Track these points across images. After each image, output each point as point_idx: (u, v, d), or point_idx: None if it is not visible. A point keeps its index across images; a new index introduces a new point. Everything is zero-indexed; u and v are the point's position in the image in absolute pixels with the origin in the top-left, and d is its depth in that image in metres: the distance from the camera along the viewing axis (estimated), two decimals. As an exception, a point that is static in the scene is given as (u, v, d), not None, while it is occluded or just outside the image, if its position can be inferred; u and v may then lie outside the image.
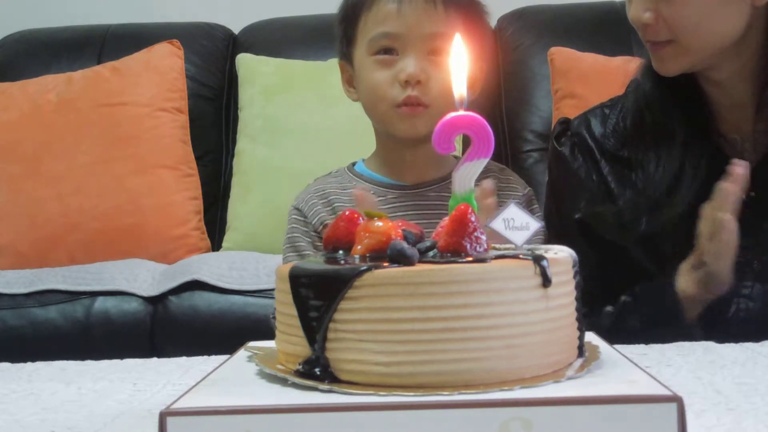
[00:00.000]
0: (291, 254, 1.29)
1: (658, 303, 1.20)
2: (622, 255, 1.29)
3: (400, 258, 0.65)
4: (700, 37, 1.21)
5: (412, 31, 1.21)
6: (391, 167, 1.30)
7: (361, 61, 1.26)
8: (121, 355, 1.09)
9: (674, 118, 1.28)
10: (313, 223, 1.28)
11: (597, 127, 1.36)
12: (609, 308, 1.28)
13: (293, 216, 1.31)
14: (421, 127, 1.22)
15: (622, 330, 1.20)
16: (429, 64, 1.21)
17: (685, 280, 1.19)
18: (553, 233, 1.31)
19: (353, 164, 1.35)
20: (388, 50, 1.23)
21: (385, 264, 0.65)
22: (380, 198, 1.28)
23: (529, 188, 1.33)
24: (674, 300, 1.18)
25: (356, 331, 0.64)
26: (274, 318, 0.73)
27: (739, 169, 1.12)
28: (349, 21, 1.28)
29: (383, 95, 1.23)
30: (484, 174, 1.27)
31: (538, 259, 0.66)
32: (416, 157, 1.28)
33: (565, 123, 1.40)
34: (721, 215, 1.12)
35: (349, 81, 1.31)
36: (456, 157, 1.34)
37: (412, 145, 1.26)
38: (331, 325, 0.65)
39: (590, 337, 0.79)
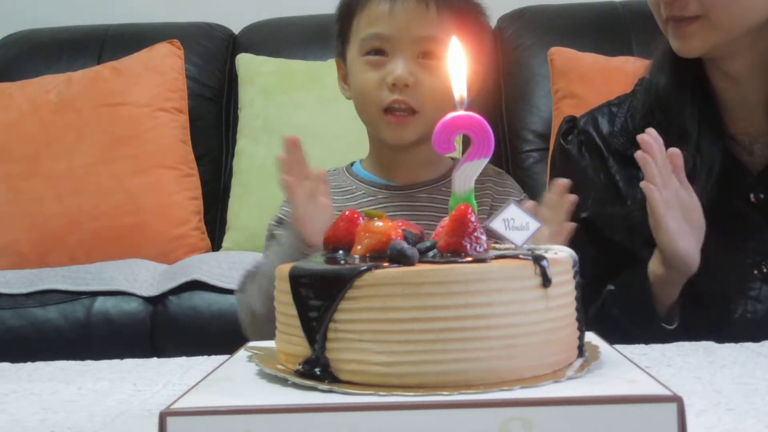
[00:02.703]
0: (276, 229, 1.27)
1: (632, 287, 1.20)
2: (628, 255, 1.29)
3: (400, 258, 0.65)
4: (731, 12, 1.19)
5: (403, 33, 1.20)
6: (383, 168, 1.30)
7: (352, 60, 1.26)
8: (121, 355, 1.09)
9: (687, 117, 1.26)
10: None
11: (605, 126, 1.35)
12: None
13: (283, 208, 1.29)
14: (408, 135, 1.22)
15: (606, 319, 1.20)
16: (418, 68, 1.20)
17: (653, 262, 1.18)
18: None
19: (351, 164, 1.35)
20: (378, 51, 1.22)
21: (385, 264, 0.65)
22: (371, 198, 1.28)
23: (525, 194, 1.33)
24: (644, 281, 1.18)
25: (356, 331, 0.64)
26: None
27: (646, 136, 1.10)
28: (343, 20, 1.28)
29: (371, 97, 1.22)
30: (482, 178, 1.28)
31: (538, 259, 0.66)
32: (408, 159, 1.27)
33: (571, 121, 1.40)
34: (643, 185, 1.10)
35: (344, 78, 1.31)
36: (453, 158, 1.34)
37: (403, 148, 1.26)
38: (331, 325, 0.65)
39: (590, 337, 0.79)
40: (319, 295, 0.65)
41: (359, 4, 1.24)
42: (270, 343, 0.77)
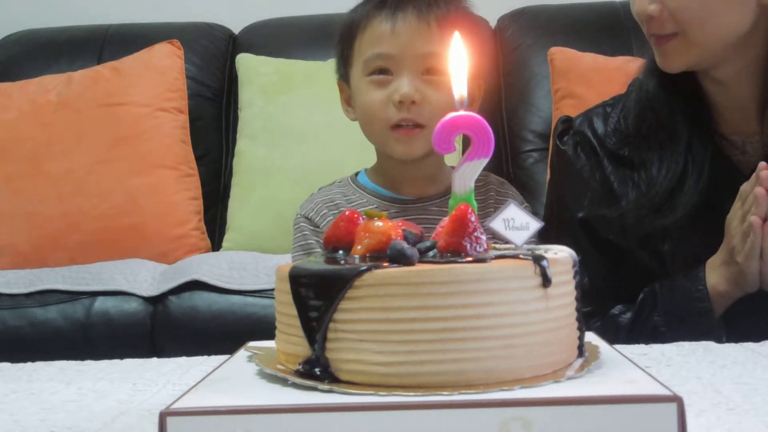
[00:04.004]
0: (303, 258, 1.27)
1: (684, 299, 1.20)
2: (624, 254, 1.29)
3: (400, 258, 0.65)
4: (706, 31, 1.20)
5: (406, 51, 1.20)
6: (392, 182, 1.29)
7: (357, 81, 1.25)
8: (121, 355, 1.09)
9: (677, 118, 1.27)
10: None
11: (599, 126, 1.35)
12: (617, 308, 1.27)
13: (302, 224, 1.29)
14: (418, 149, 1.21)
15: (643, 329, 1.20)
16: (424, 84, 1.20)
17: (716, 277, 1.18)
18: (554, 232, 1.31)
19: (356, 175, 1.34)
20: (382, 71, 1.22)
21: (385, 264, 0.65)
22: (383, 211, 1.27)
23: (526, 204, 1.33)
24: (703, 296, 1.18)
25: (356, 331, 0.64)
26: None
27: (766, 172, 1.11)
28: (345, 42, 1.27)
29: (378, 116, 1.22)
30: (485, 187, 1.28)
31: (538, 259, 0.66)
32: (416, 173, 1.27)
33: (567, 122, 1.40)
34: (751, 218, 1.12)
35: (348, 101, 1.30)
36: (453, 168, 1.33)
37: (412, 163, 1.25)
38: (331, 325, 0.65)
39: (590, 337, 0.79)
40: (319, 295, 0.65)
41: (361, 25, 1.24)
42: (270, 343, 0.77)
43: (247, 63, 2.45)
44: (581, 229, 1.31)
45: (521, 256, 0.67)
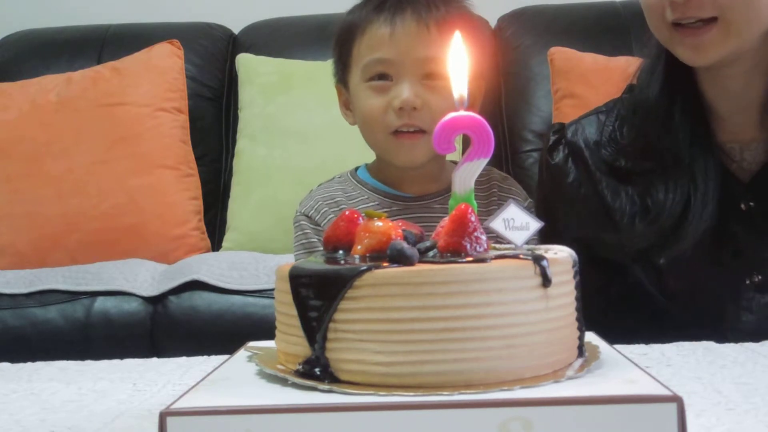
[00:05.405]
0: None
1: None
2: (618, 267, 1.27)
3: (400, 258, 0.65)
4: (749, 13, 1.14)
5: (406, 56, 1.18)
6: (393, 181, 1.28)
7: (355, 86, 1.23)
8: (121, 355, 1.09)
9: (678, 129, 1.23)
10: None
11: (592, 135, 1.32)
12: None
13: (302, 222, 1.27)
14: (420, 157, 1.20)
15: None
16: (424, 90, 1.18)
17: None
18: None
19: (356, 169, 1.33)
20: (382, 76, 1.20)
21: (385, 264, 0.65)
22: (385, 209, 1.26)
23: (530, 200, 1.32)
24: None
25: (356, 331, 0.64)
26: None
27: None
28: (343, 45, 1.25)
29: (378, 122, 1.20)
30: (488, 182, 1.27)
31: (538, 259, 0.66)
32: (417, 174, 1.25)
33: (558, 132, 1.37)
34: None
35: (346, 104, 1.29)
36: (454, 162, 1.33)
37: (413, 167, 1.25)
38: (331, 325, 0.65)
39: (590, 337, 0.79)
40: (319, 295, 0.65)
41: (359, 28, 1.22)
42: (270, 343, 0.77)
43: (247, 63, 2.45)
44: (573, 246, 1.28)
45: (521, 256, 0.67)
